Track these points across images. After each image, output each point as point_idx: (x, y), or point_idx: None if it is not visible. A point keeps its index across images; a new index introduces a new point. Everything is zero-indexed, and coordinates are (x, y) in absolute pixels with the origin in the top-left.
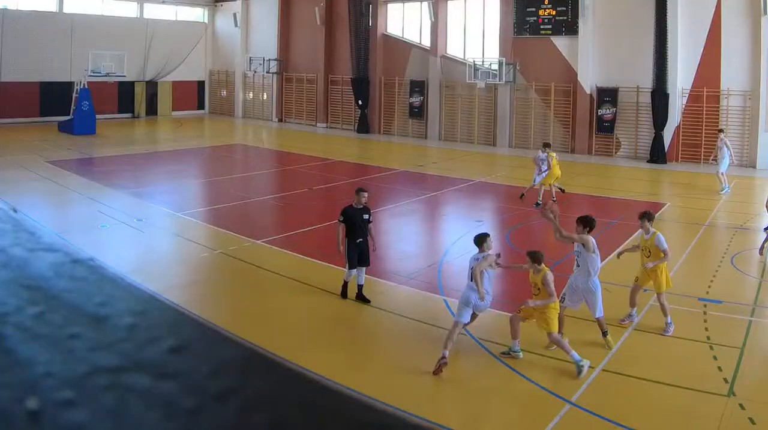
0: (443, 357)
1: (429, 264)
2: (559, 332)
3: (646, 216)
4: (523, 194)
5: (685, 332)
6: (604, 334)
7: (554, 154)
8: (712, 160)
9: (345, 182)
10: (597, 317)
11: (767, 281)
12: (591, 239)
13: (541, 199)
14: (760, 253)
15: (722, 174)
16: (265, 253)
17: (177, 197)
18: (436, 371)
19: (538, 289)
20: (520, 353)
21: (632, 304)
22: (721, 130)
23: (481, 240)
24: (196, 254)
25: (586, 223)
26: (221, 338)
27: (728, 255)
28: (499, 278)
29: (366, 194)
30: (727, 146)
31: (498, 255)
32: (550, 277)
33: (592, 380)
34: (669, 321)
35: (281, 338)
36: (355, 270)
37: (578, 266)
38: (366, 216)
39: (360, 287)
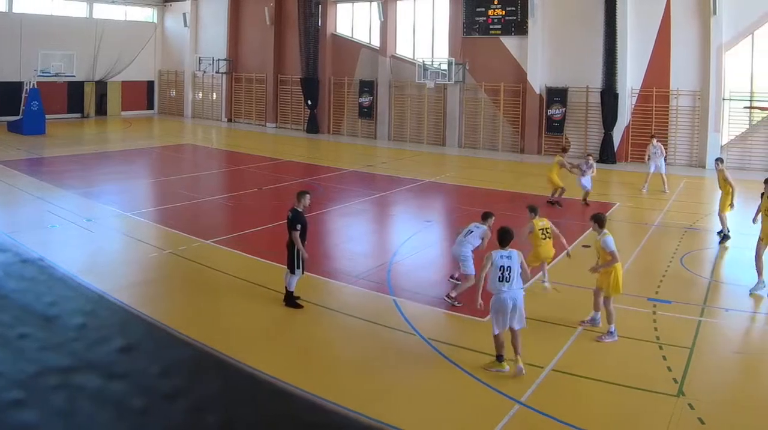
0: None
1: (378, 264)
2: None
3: (593, 218)
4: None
5: (635, 332)
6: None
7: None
8: (648, 161)
9: (294, 182)
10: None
11: (716, 282)
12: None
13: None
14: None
15: (664, 175)
16: (214, 253)
17: (126, 197)
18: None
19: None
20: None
21: (595, 307)
22: (653, 136)
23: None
24: (145, 254)
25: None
26: (171, 338)
27: (678, 255)
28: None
29: (309, 196)
30: (661, 151)
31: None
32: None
33: (541, 381)
34: (612, 330)
35: (231, 338)
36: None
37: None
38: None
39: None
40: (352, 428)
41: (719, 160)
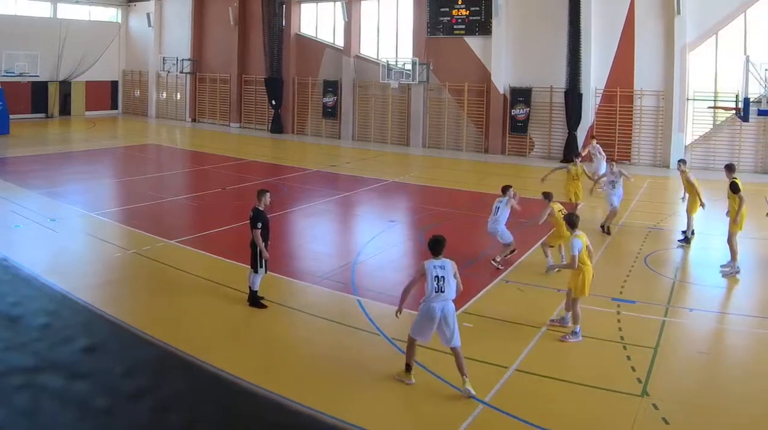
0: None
1: (342, 264)
2: None
3: (565, 218)
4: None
5: (599, 332)
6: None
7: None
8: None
9: (258, 182)
10: None
11: (680, 282)
12: None
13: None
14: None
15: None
16: (178, 253)
17: (91, 197)
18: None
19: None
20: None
21: (566, 307)
22: (593, 137)
23: (506, 188)
24: (109, 254)
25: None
26: (135, 338)
27: (642, 255)
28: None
29: (269, 194)
30: (600, 153)
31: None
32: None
33: (505, 381)
34: (576, 330)
35: (195, 338)
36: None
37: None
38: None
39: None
40: (317, 428)
41: (682, 161)
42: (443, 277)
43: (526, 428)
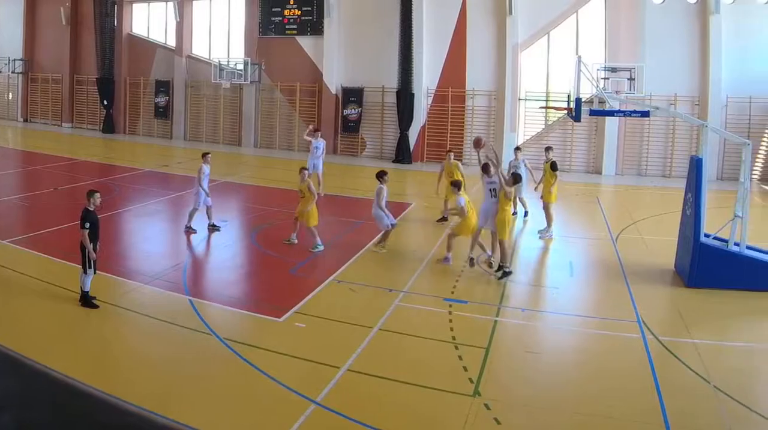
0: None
1: (174, 264)
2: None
3: (451, 182)
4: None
5: (431, 332)
6: None
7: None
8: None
9: (90, 182)
10: None
11: (512, 282)
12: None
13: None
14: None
15: (320, 175)
16: (9, 253)
17: None
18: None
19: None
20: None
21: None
22: (317, 130)
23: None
24: None
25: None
26: None
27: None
28: (254, 277)
29: (99, 194)
30: (321, 149)
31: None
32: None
33: (337, 380)
34: (448, 256)
35: (26, 338)
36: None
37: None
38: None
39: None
40: (148, 427)
41: (451, 152)
42: None
43: (358, 428)
